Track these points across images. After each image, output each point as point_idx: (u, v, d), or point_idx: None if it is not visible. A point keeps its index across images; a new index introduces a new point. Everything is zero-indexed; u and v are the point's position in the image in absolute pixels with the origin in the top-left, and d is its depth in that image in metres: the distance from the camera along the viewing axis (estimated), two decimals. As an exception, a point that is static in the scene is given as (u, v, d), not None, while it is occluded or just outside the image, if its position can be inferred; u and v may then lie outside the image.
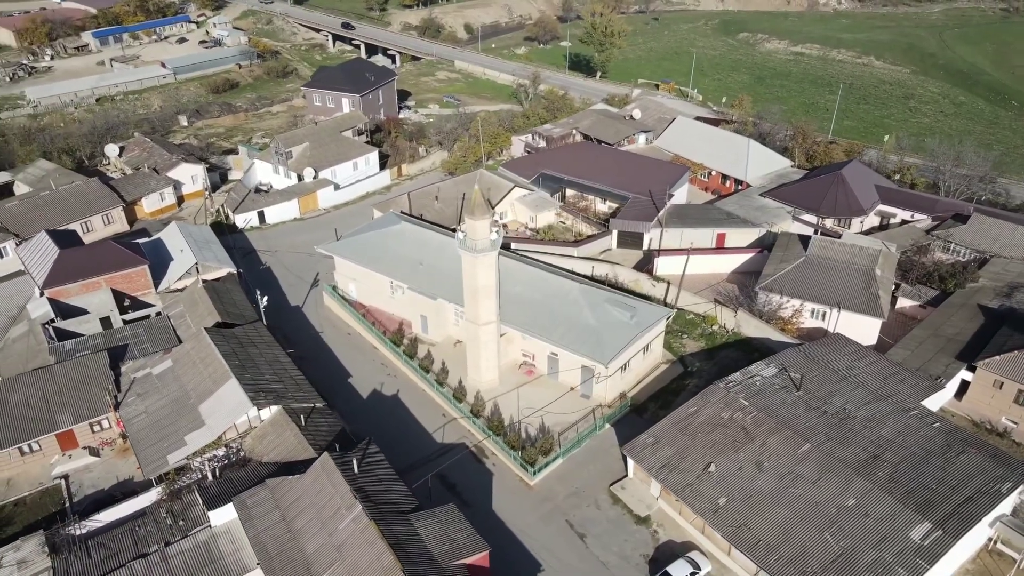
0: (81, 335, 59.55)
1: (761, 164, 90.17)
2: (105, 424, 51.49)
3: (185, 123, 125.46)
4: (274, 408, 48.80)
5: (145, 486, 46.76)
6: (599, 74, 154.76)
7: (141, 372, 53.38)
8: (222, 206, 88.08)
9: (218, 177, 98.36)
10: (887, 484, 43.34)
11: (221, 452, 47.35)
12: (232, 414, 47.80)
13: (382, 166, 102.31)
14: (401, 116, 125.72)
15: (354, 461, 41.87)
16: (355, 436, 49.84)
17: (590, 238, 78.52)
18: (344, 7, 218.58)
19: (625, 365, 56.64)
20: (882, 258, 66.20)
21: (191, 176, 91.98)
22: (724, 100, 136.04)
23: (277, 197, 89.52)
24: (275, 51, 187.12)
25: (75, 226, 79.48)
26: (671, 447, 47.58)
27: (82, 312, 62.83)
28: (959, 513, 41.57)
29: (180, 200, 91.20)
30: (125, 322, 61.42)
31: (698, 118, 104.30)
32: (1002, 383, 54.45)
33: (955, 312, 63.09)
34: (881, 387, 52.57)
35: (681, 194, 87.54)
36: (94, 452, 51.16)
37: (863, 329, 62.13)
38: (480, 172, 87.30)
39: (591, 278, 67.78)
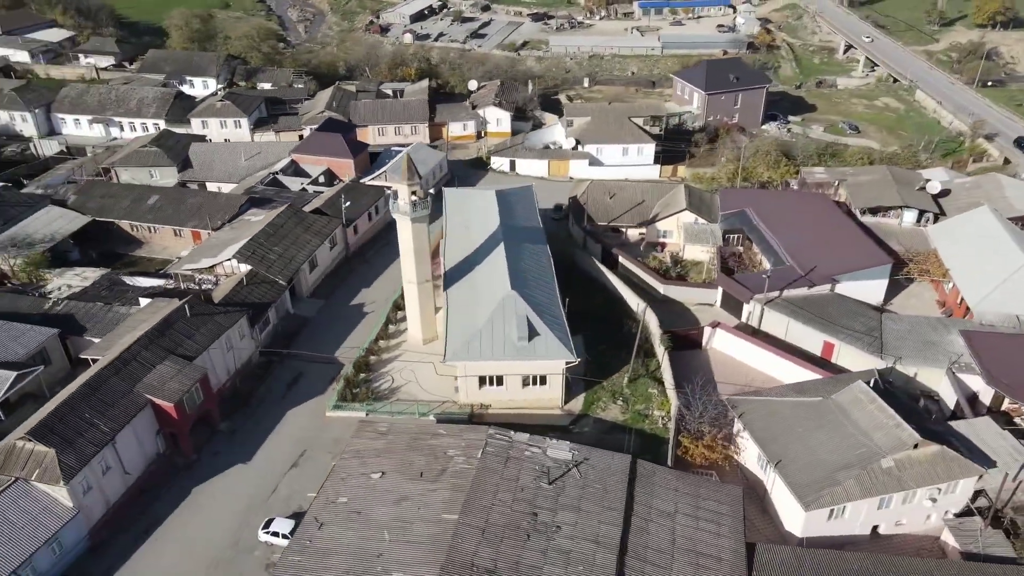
0: (282, 188, 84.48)
1: (1019, 297, 62.10)
2: (215, 238, 75.25)
3: (587, 84, 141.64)
4: (247, 267, 64.69)
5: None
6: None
7: (247, 216, 75.03)
8: (490, 148, 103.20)
9: (530, 127, 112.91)
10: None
11: (211, 278, 65.98)
12: (222, 256, 65.75)
13: (672, 161, 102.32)
14: (764, 127, 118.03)
15: (186, 307, 55.50)
16: (292, 313, 63.47)
17: (689, 283, 69.62)
18: (905, 14, 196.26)
19: (496, 380, 54.73)
20: (925, 459, 44.85)
21: (496, 119, 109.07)
22: None
23: (532, 154, 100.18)
24: (774, 46, 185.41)
25: (390, 127, 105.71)
26: (375, 457, 46.55)
27: (304, 176, 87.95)
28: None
29: (480, 135, 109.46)
30: (303, 190, 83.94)
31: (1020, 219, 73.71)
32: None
33: None
34: (650, 545, 40.56)
35: (875, 290, 67.63)
36: (205, 252, 75.57)
37: (790, 511, 45.24)
38: (679, 187, 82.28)
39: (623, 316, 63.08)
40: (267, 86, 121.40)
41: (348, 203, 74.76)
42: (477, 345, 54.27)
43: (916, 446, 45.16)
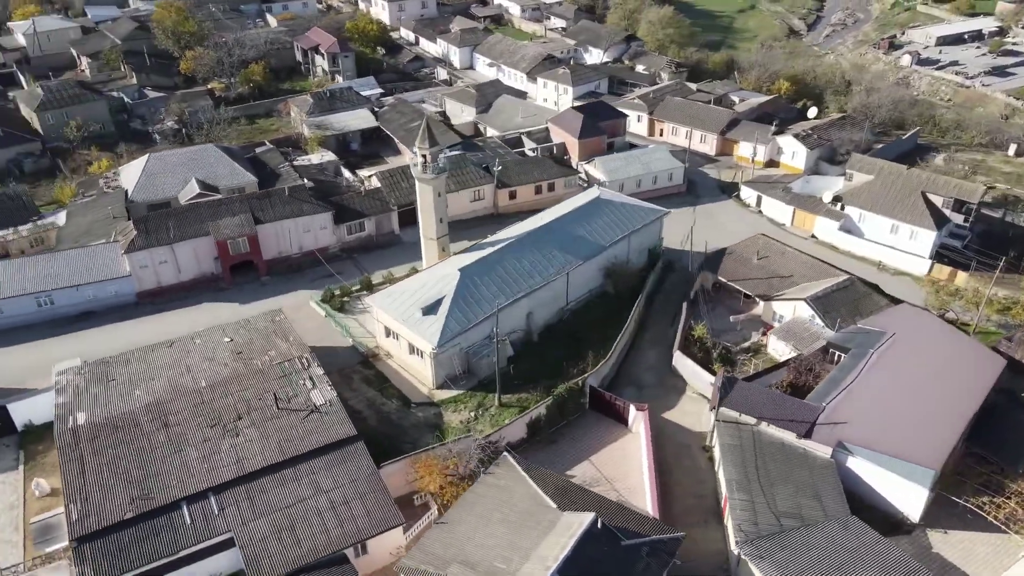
0: (515, 145, 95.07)
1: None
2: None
3: (1011, 152, 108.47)
4: (377, 185, 79.42)
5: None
6: None
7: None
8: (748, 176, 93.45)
9: (840, 172, 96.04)
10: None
11: (368, 184, 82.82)
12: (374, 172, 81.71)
13: (959, 265, 78.25)
14: None
15: (286, 188, 73.25)
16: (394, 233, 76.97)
17: (705, 367, 58.38)
18: None
19: (392, 334, 59.48)
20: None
21: (792, 150, 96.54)
22: None
23: (783, 197, 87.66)
24: None
25: (683, 129, 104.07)
26: (249, 334, 57.50)
27: (548, 142, 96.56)
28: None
29: (772, 163, 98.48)
30: (522, 153, 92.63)
31: None
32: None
33: None
34: (271, 490, 44.48)
35: (909, 500, 46.96)
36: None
37: None
38: (852, 278, 65.94)
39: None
40: (641, 68, 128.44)
41: (500, 167, 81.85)
42: (393, 300, 59.40)
43: (542, 599, 36.37)
